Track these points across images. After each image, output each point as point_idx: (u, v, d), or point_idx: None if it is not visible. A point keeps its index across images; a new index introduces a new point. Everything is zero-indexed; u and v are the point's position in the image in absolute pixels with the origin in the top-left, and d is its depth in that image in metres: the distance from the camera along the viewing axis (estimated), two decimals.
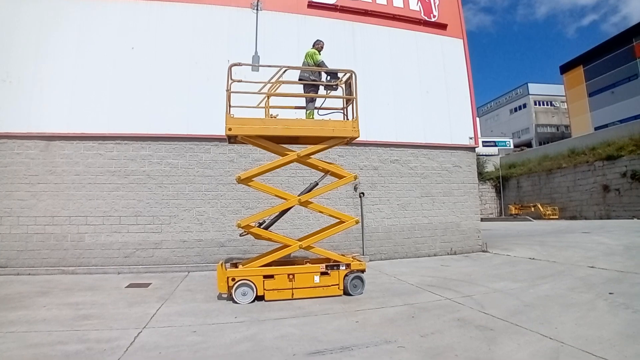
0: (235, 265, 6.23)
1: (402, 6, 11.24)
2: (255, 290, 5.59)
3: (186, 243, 8.87)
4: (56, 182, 8.57)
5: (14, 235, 8.29)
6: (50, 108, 8.71)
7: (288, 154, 6.32)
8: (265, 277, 5.70)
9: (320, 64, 6.69)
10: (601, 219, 24.64)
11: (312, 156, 6.48)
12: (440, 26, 11.52)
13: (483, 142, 38.89)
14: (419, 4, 11.45)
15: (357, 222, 6.50)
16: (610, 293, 5.45)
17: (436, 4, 11.62)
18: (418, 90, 11.00)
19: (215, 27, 9.63)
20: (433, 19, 11.50)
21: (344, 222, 6.42)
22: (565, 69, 49.72)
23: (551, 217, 28.19)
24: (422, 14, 11.41)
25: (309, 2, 10.36)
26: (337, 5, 10.58)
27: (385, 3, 11.07)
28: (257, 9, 9.89)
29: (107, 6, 9.26)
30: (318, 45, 6.96)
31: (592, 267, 7.63)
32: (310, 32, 9.35)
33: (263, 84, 6.40)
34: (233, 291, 5.53)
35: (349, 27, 10.58)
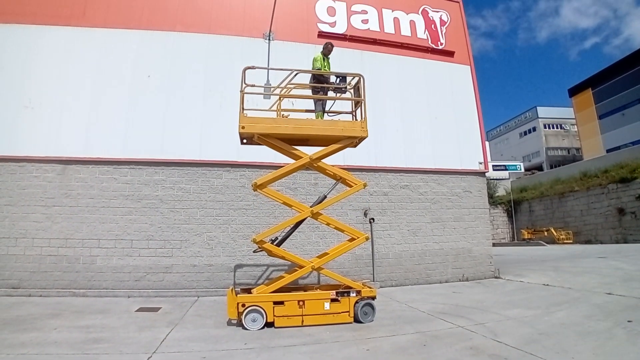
0: (246, 291, 6.23)
1: (410, 35, 11.55)
2: (265, 316, 5.57)
3: (196, 268, 8.90)
4: (71, 205, 8.75)
5: (28, 256, 8.41)
6: (68, 133, 9.00)
7: (301, 157, 6.51)
8: (275, 303, 5.69)
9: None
10: (617, 243, 24.02)
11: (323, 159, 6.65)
12: (448, 53, 11.77)
13: (493, 166, 38.65)
14: (427, 32, 11.75)
15: (367, 239, 6.60)
16: (629, 321, 5.29)
17: (443, 32, 11.91)
18: (427, 116, 11.14)
19: (229, 57, 9.95)
20: (440, 47, 11.76)
21: (355, 239, 6.49)
22: (573, 92, 49.83)
23: (565, 241, 27.58)
24: (430, 42, 11.69)
25: (319, 32, 10.72)
26: (347, 35, 10.93)
27: (394, 32, 11.41)
28: (269, 39, 10.28)
29: (125, 35, 9.70)
30: (326, 49, 7.18)
31: (609, 293, 7.43)
32: None
33: (274, 88, 6.74)
34: (243, 317, 5.51)
35: (358, 55, 10.86)
